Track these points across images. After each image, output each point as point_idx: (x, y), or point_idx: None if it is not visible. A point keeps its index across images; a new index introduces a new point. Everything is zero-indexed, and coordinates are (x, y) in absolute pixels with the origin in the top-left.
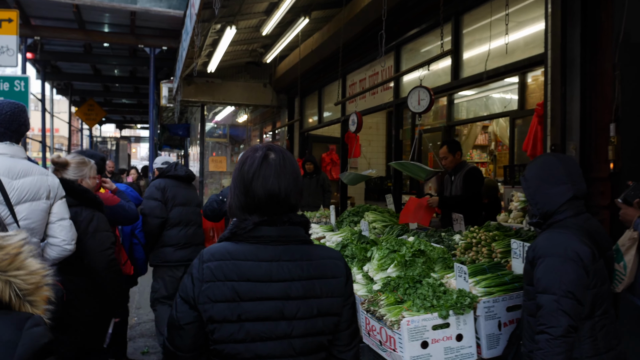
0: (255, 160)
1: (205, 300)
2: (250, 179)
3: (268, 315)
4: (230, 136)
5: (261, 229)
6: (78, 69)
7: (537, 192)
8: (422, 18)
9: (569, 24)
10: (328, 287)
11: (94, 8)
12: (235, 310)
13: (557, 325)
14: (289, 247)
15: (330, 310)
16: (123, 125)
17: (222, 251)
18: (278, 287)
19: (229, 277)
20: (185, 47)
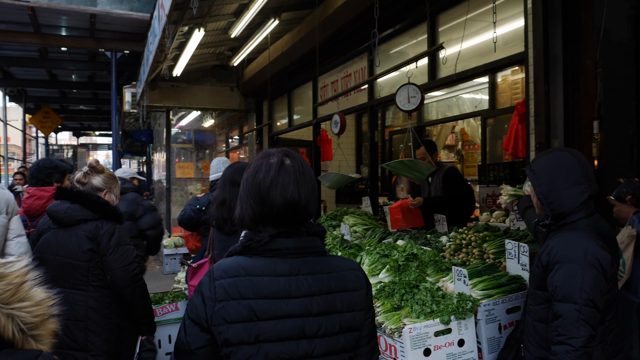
0: (272, 167)
1: (220, 321)
2: (267, 187)
3: (288, 334)
4: (195, 141)
5: (278, 241)
6: (33, 74)
7: (552, 192)
8: (396, 18)
9: (550, 21)
10: (350, 300)
11: (51, 10)
12: (252, 331)
13: (578, 336)
14: (307, 259)
15: (353, 325)
16: (80, 132)
17: (235, 267)
18: (298, 304)
19: (244, 295)
20: (153, 50)
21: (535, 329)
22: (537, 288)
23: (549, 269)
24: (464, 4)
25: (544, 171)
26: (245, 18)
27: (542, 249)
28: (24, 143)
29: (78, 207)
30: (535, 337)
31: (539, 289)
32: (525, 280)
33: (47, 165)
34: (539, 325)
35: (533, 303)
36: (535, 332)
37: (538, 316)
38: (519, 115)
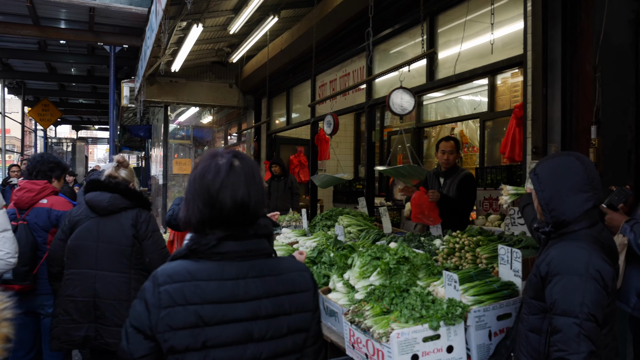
0: (222, 168)
1: (165, 328)
2: (217, 189)
3: (236, 339)
4: (193, 138)
5: (226, 245)
6: (32, 67)
7: (555, 198)
8: (395, 18)
9: (549, 23)
10: (298, 302)
11: (50, 3)
12: (199, 337)
13: (579, 351)
14: (255, 262)
15: (301, 327)
16: (80, 126)
17: (181, 271)
18: (246, 308)
19: (190, 301)
20: (150, 45)
21: (528, 338)
22: (532, 298)
23: (547, 280)
24: (463, 5)
25: (548, 176)
26: (244, 14)
27: (541, 257)
28: (23, 135)
29: (119, 196)
30: (527, 347)
31: (534, 299)
32: (518, 286)
33: (51, 160)
34: (532, 335)
35: (527, 312)
36: (528, 342)
37: (531, 326)
38: (517, 118)
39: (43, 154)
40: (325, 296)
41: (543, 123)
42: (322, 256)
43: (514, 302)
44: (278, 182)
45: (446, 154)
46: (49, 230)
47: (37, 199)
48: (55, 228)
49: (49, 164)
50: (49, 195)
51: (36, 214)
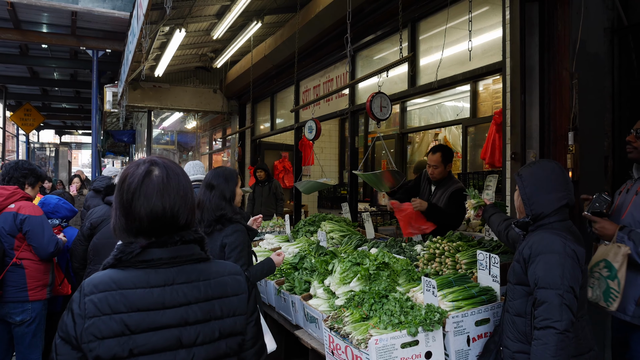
0: (136, 177)
1: (90, 338)
2: (130, 198)
3: (165, 345)
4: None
5: (150, 252)
6: (13, 71)
7: (535, 194)
8: (377, 25)
9: (527, 31)
10: (230, 306)
11: (31, 7)
12: (126, 345)
13: (562, 319)
14: (183, 268)
15: (234, 330)
16: (63, 131)
17: (106, 281)
18: (173, 314)
19: (116, 310)
20: (132, 49)
21: (514, 323)
22: (516, 283)
23: (530, 261)
24: (443, 12)
25: (530, 176)
26: (227, 20)
27: (522, 245)
28: (4, 141)
29: None
30: (514, 332)
31: (518, 284)
32: (496, 292)
33: (26, 167)
34: (518, 319)
35: (512, 298)
36: (514, 327)
37: (517, 311)
38: (497, 124)
39: (18, 161)
40: (306, 302)
41: (522, 129)
42: (303, 262)
43: (492, 308)
44: (262, 187)
45: (431, 167)
46: (15, 235)
47: (5, 204)
48: (20, 233)
49: (22, 171)
50: (18, 200)
51: (4, 219)
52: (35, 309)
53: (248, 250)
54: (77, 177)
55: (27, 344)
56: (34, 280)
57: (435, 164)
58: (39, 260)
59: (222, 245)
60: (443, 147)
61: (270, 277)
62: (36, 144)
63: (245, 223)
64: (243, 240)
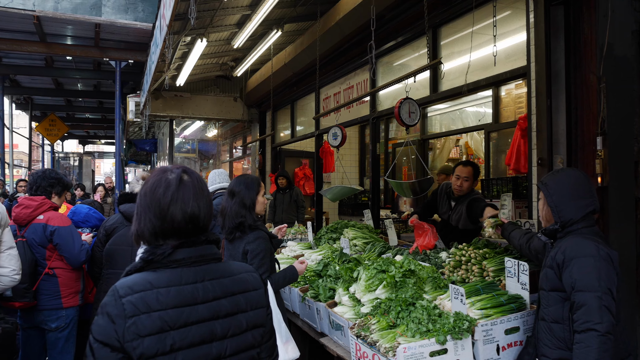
0: (172, 183)
1: (133, 337)
2: (168, 203)
3: (201, 339)
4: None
5: (181, 252)
6: (39, 82)
7: (563, 201)
8: (398, 31)
9: (552, 35)
10: (252, 299)
11: (56, 20)
12: (167, 341)
13: (602, 321)
14: (209, 266)
15: (257, 322)
16: (86, 140)
17: (141, 282)
18: (206, 309)
19: (153, 308)
20: (155, 60)
21: (552, 330)
22: (551, 290)
23: (564, 266)
24: (466, 17)
25: (556, 184)
26: (247, 29)
27: (553, 251)
28: (30, 151)
29: None
30: (552, 339)
31: (553, 290)
32: (525, 300)
33: (53, 176)
34: (556, 326)
35: (547, 305)
36: (552, 334)
37: (553, 318)
38: (521, 130)
39: (45, 170)
40: (331, 310)
41: (548, 134)
42: (327, 269)
43: (522, 316)
44: (283, 195)
45: (460, 179)
46: (45, 246)
47: (34, 215)
48: (51, 243)
49: (50, 180)
50: (47, 211)
51: (33, 230)
52: (69, 316)
53: (270, 257)
54: (101, 186)
55: (60, 349)
56: (67, 288)
57: (467, 176)
58: (70, 269)
59: (244, 252)
60: (473, 162)
61: (294, 285)
62: (60, 154)
63: (267, 230)
64: (265, 247)
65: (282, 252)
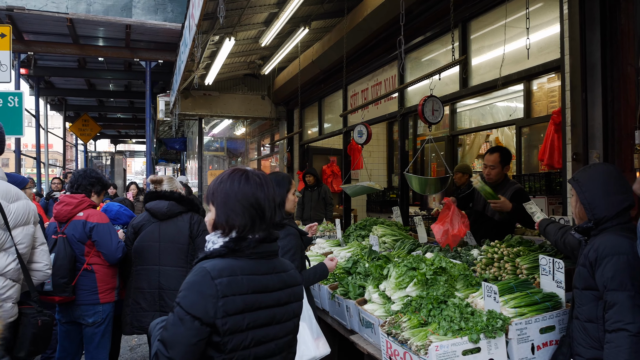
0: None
1: (223, 314)
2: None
3: (266, 322)
4: (227, 149)
5: (263, 246)
6: (72, 84)
7: (596, 198)
8: (426, 26)
9: (587, 27)
10: (297, 292)
11: (88, 22)
12: (245, 321)
13: (634, 321)
14: (274, 261)
15: (297, 312)
16: (118, 140)
17: (229, 268)
18: (272, 297)
19: (240, 291)
20: (184, 59)
21: (586, 330)
22: (584, 288)
23: (597, 264)
24: (496, 11)
25: (588, 180)
26: (275, 27)
27: (587, 249)
28: (64, 150)
29: (174, 203)
30: (586, 339)
31: (586, 289)
32: (561, 298)
33: (94, 175)
34: (589, 325)
35: (580, 304)
36: (586, 333)
37: (587, 317)
38: (555, 124)
39: (87, 169)
40: (361, 307)
41: (583, 129)
42: (357, 267)
43: (557, 315)
44: (312, 192)
45: (487, 168)
46: (85, 242)
47: (74, 212)
48: (90, 240)
49: (90, 179)
50: (86, 208)
51: (73, 227)
52: (105, 311)
53: (301, 254)
54: (133, 184)
55: (96, 344)
56: (104, 284)
57: (493, 164)
58: (107, 265)
59: None
60: (501, 148)
61: (324, 282)
62: (93, 153)
63: (297, 227)
64: (296, 244)
65: (311, 250)
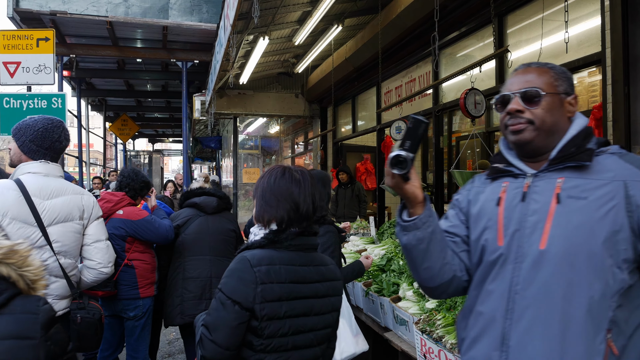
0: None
1: (261, 300)
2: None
3: (303, 312)
4: (262, 148)
5: (300, 239)
6: (112, 85)
7: None
8: (461, 22)
9: (630, 19)
10: (336, 287)
11: (127, 24)
12: (281, 309)
13: None
14: (312, 254)
15: (336, 306)
16: (155, 139)
17: (268, 257)
18: (310, 288)
19: (278, 280)
20: (219, 59)
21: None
22: None
23: None
24: (533, 4)
25: None
26: (308, 25)
27: None
28: (104, 149)
29: (221, 200)
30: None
31: None
32: None
33: (144, 180)
34: None
35: None
36: None
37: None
38: (596, 119)
39: (137, 171)
40: (395, 304)
41: (625, 124)
42: (391, 264)
43: None
44: (345, 189)
45: None
46: (125, 239)
47: (114, 210)
48: (130, 237)
49: (140, 183)
50: (125, 206)
51: (113, 224)
52: (145, 305)
53: (339, 251)
54: (171, 182)
55: (137, 337)
56: (144, 279)
57: None
58: (147, 261)
59: None
60: None
61: (358, 279)
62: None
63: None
64: (335, 241)
65: (345, 247)
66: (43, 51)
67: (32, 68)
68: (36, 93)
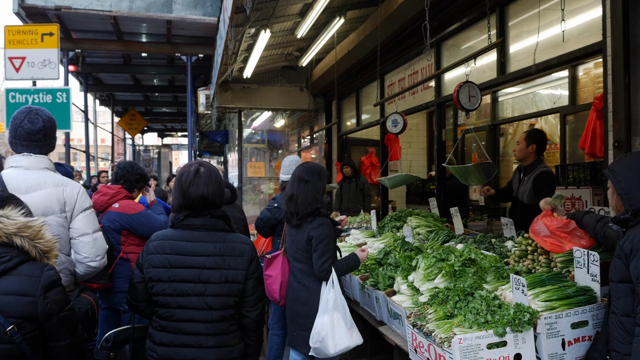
0: (190, 173)
1: (148, 266)
2: (187, 186)
3: (188, 278)
4: (268, 141)
5: (189, 220)
6: (119, 79)
7: (633, 187)
8: (463, 12)
9: (631, 7)
10: (234, 262)
11: (131, 19)
12: (167, 274)
13: None
14: (209, 232)
15: (235, 279)
16: (164, 133)
17: (163, 235)
18: (197, 260)
19: (164, 251)
20: (220, 53)
21: (622, 324)
22: (619, 281)
23: (632, 256)
24: None
25: (625, 170)
26: (310, 17)
27: (623, 240)
28: (113, 144)
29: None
30: (622, 334)
31: (621, 282)
32: (596, 292)
33: (139, 172)
34: (626, 319)
35: (616, 298)
36: (623, 328)
37: (623, 311)
38: (597, 110)
39: (133, 164)
40: (390, 298)
41: (626, 115)
42: (388, 258)
43: (591, 309)
44: (349, 183)
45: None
46: (120, 232)
47: (110, 203)
48: (126, 229)
49: (136, 175)
50: (121, 199)
51: (109, 217)
52: None
53: (333, 244)
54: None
55: None
56: None
57: (519, 140)
58: None
59: (308, 237)
60: (534, 129)
61: (355, 273)
62: (141, 147)
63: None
64: (329, 234)
65: (346, 240)
66: (48, 46)
67: (37, 63)
68: (41, 88)
